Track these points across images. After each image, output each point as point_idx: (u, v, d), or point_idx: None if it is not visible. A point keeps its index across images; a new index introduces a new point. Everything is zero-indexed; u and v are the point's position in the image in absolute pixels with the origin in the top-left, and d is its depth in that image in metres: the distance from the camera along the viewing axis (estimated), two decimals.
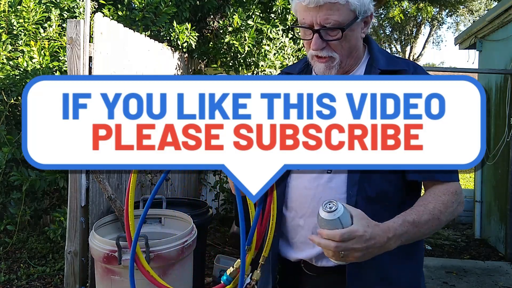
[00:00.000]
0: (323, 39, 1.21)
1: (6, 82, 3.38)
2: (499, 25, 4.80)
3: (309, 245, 1.24)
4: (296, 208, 1.29)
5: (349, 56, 1.26)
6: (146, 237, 2.20)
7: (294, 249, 1.31)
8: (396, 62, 1.30)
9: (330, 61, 1.24)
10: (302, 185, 1.27)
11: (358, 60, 1.31)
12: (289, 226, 1.31)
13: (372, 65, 1.28)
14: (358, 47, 1.28)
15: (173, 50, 4.25)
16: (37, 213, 3.67)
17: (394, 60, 1.31)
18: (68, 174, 2.98)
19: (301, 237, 1.28)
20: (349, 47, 1.24)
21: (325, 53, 1.23)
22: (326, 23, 1.18)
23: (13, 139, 3.34)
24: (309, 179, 1.26)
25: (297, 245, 1.30)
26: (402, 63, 1.30)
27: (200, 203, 3.50)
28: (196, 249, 2.56)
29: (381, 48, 1.38)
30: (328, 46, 1.23)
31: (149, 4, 3.84)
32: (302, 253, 1.29)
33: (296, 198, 1.28)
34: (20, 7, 3.62)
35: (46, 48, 3.49)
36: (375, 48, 1.34)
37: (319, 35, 1.21)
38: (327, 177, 1.24)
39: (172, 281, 2.34)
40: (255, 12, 4.39)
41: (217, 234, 4.66)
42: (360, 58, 1.32)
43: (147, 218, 2.86)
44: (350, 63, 1.29)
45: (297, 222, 1.29)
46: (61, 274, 3.42)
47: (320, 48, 1.22)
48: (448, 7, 16.68)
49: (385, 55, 1.32)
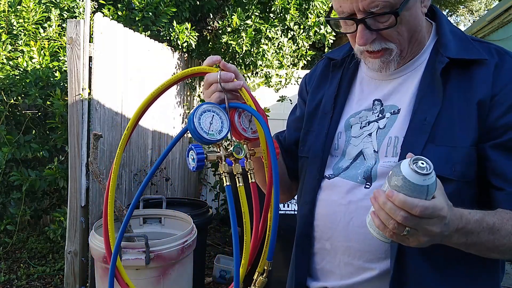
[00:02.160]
0: (372, 29, 0.94)
1: (6, 82, 3.38)
2: (499, 25, 4.81)
3: (335, 275, 1.06)
4: (322, 227, 1.06)
5: (411, 42, 0.99)
6: (146, 237, 2.20)
7: (316, 277, 1.10)
8: (472, 48, 0.99)
9: (386, 55, 0.98)
10: (332, 199, 1.04)
11: (421, 43, 1.03)
12: (314, 249, 1.09)
13: (438, 52, 0.99)
14: (420, 28, 1.00)
15: (173, 50, 4.25)
16: (37, 213, 3.67)
17: (469, 44, 1.00)
18: (68, 174, 2.98)
19: (328, 263, 1.07)
20: (408, 31, 0.96)
21: (378, 45, 0.96)
22: (372, 7, 0.90)
23: (13, 139, 3.35)
24: (341, 192, 1.03)
25: (321, 273, 1.09)
26: (481, 49, 0.99)
27: (200, 203, 3.50)
28: (196, 249, 2.56)
29: (454, 26, 1.06)
30: (380, 36, 0.95)
31: (148, 4, 3.84)
32: (325, 282, 1.08)
33: (323, 215, 1.06)
34: (20, 7, 3.62)
35: (46, 48, 3.49)
36: (445, 27, 1.03)
37: (365, 25, 0.93)
38: (363, 193, 1.00)
39: (172, 281, 2.34)
40: (254, 12, 4.39)
41: (217, 234, 4.66)
42: (425, 40, 1.03)
43: (147, 218, 2.86)
44: (413, 50, 1.01)
45: (323, 245, 1.07)
46: (61, 274, 3.42)
47: (370, 41, 0.95)
48: (448, 7, 16.68)
49: (458, 36, 1.02)
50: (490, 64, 0.95)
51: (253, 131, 0.97)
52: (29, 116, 3.56)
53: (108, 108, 3.13)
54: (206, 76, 0.97)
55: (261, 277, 0.95)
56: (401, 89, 1.04)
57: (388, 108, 1.04)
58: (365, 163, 1.04)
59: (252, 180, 0.96)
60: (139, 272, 2.24)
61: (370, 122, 1.06)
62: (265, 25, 4.32)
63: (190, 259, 2.54)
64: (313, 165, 1.12)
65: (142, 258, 2.19)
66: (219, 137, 0.91)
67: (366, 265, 1.01)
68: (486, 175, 0.94)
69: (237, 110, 0.96)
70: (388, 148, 1.01)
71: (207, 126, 0.90)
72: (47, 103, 3.30)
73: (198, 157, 0.89)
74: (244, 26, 4.22)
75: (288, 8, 4.44)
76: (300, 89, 1.30)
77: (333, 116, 1.12)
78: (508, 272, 4.09)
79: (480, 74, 0.96)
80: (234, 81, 0.94)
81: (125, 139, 0.96)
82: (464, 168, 0.93)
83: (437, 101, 0.96)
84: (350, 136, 1.08)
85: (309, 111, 1.19)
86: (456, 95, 0.96)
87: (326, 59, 1.23)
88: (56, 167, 3.21)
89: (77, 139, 2.95)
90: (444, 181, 0.86)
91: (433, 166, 0.76)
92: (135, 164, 3.59)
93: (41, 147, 3.37)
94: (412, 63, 1.04)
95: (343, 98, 1.13)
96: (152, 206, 3.02)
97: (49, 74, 3.34)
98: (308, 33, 4.70)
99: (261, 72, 4.70)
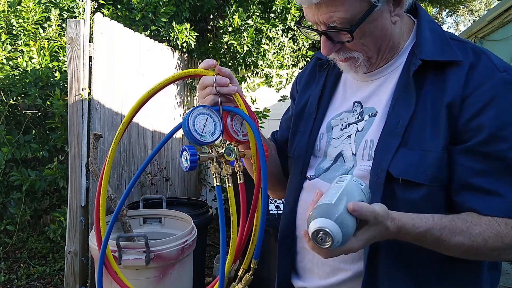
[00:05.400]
0: (334, 41, 0.96)
1: (6, 82, 3.37)
2: (499, 25, 4.80)
3: (315, 274, 1.07)
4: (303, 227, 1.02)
5: (380, 50, 0.99)
6: (146, 237, 2.20)
7: (299, 275, 1.12)
8: (448, 49, 0.95)
9: (352, 61, 0.99)
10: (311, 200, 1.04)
11: (397, 48, 1.01)
12: (297, 247, 1.12)
13: (414, 54, 0.97)
14: (390, 37, 0.98)
15: (173, 50, 4.25)
16: (37, 213, 3.67)
17: (447, 45, 0.97)
18: (68, 174, 2.98)
19: (308, 262, 1.09)
20: (375, 42, 0.96)
21: (342, 55, 0.98)
22: (331, 21, 0.91)
23: (13, 139, 3.34)
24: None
25: (303, 271, 1.11)
26: (458, 49, 0.95)
27: (200, 203, 3.50)
28: (196, 249, 2.56)
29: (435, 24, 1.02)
30: (344, 46, 0.97)
31: (148, 4, 3.84)
32: (306, 282, 1.10)
33: (303, 215, 1.06)
34: (19, 7, 3.62)
35: (46, 48, 3.49)
36: (424, 26, 1.00)
37: (327, 37, 0.95)
38: None
39: (172, 281, 2.34)
40: (255, 12, 4.39)
41: (217, 234, 4.65)
42: (400, 44, 1.01)
43: (147, 218, 2.86)
44: (385, 56, 1.01)
45: (303, 244, 1.09)
46: (61, 274, 3.42)
47: (333, 51, 0.98)
48: (448, 7, 16.67)
49: (438, 36, 0.99)
50: (464, 65, 0.93)
51: (244, 134, 1.01)
52: (29, 116, 3.56)
53: (108, 108, 3.13)
54: (202, 79, 0.99)
55: (247, 275, 0.98)
56: (380, 91, 1.03)
57: (367, 110, 1.04)
58: (344, 165, 1.04)
59: (241, 181, 0.98)
60: (139, 272, 2.24)
61: (350, 124, 1.06)
62: (265, 25, 4.32)
63: (190, 259, 2.53)
64: (296, 166, 1.14)
65: (142, 258, 2.19)
66: (212, 139, 0.94)
67: (341, 266, 1.02)
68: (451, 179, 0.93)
69: (229, 113, 0.99)
70: (364, 152, 1.00)
71: (201, 128, 0.93)
72: (47, 103, 3.29)
73: (191, 158, 0.92)
74: (245, 26, 4.22)
75: (289, 8, 4.44)
76: (292, 89, 1.32)
77: (317, 116, 1.13)
78: (508, 272, 4.09)
79: (453, 75, 0.93)
80: (229, 86, 0.97)
81: (120, 133, 0.99)
82: (436, 172, 0.91)
83: (410, 104, 0.94)
84: (331, 137, 1.09)
85: (296, 112, 1.20)
86: (430, 98, 0.94)
87: (316, 58, 1.22)
88: (56, 167, 3.21)
89: (77, 139, 2.94)
90: (415, 186, 0.90)
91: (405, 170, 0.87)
92: (135, 164, 3.59)
93: (41, 147, 3.37)
94: (391, 64, 1.03)
95: (327, 99, 1.14)
96: (152, 206, 3.02)
97: (48, 74, 3.34)
98: None
99: (261, 72, 4.70)
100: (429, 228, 0.86)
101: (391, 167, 0.92)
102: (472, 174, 0.90)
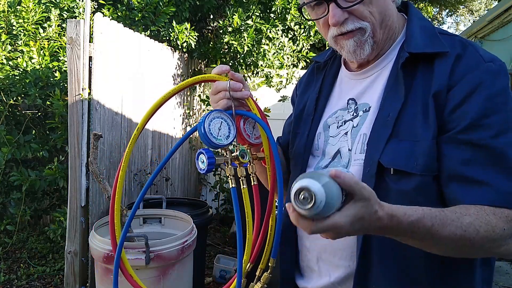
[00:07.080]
0: (342, 7, 0.96)
1: (6, 82, 3.38)
2: (499, 25, 4.81)
3: (315, 272, 1.08)
4: None
5: (382, 24, 1.00)
6: (146, 237, 2.20)
7: (302, 275, 1.14)
8: (437, 42, 0.98)
9: (359, 34, 0.98)
10: None
11: (392, 35, 1.04)
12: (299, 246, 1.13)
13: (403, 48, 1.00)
14: (390, 14, 1.01)
15: (173, 50, 4.25)
16: (37, 213, 3.67)
17: (435, 38, 0.99)
18: (68, 174, 2.98)
19: (309, 261, 1.10)
20: (379, 12, 0.98)
21: (351, 25, 0.97)
22: None
23: (13, 139, 3.34)
24: None
25: (304, 270, 1.13)
26: (446, 42, 0.98)
27: (200, 203, 3.50)
28: (196, 249, 2.56)
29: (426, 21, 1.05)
30: (352, 15, 0.97)
31: (148, 4, 3.84)
32: (306, 281, 1.11)
33: None
34: (19, 7, 3.62)
35: (46, 48, 3.49)
36: (414, 22, 1.04)
37: (336, 3, 0.95)
38: None
39: (172, 281, 2.34)
40: (255, 12, 4.39)
41: (217, 234, 4.66)
42: (396, 34, 1.05)
43: (147, 218, 2.86)
44: (384, 37, 1.02)
45: (304, 243, 1.11)
46: (61, 274, 3.42)
47: (342, 20, 0.96)
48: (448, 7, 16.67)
49: (427, 31, 1.02)
50: (451, 55, 0.94)
51: (256, 137, 1.05)
52: (29, 116, 3.56)
53: (108, 108, 3.13)
54: (215, 84, 1.03)
55: (265, 273, 1.00)
56: (372, 87, 1.06)
57: (361, 107, 1.07)
58: (341, 162, 1.06)
59: (254, 183, 1.00)
60: (139, 272, 2.24)
61: (346, 121, 1.09)
62: (265, 25, 4.32)
63: (190, 259, 2.53)
64: (296, 166, 1.16)
65: (142, 258, 2.19)
66: (227, 142, 0.98)
67: (340, 263, 1.02)
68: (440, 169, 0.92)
69: (241, 117, 1.04)
70: (357, 146, 1.03)
71: (216, 131, 0.97)
72: (47, 103, 3.29)
73: (209, 160, 0.96)
74: (245, 26, 4.22)
75: (289, 8, 4.44)
76: (292, 95, 1.37)
77: (314, 117, 1.16)
78: (508, 272, 4.09)
79: (440, 66, 0.95)
80: (243, 91, 1.01)
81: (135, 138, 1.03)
82: (427, 161, 0.90)
83: (400, 97, 0.96)
84: (329, 136, 1.12)
85: (296, 114, 1.24)
86: (421, 89, 0.95)
87: (314, 63, 1.27)
88: (56, 167, 3.21)
89: (77, 139, 2.95)
90: (407, 176, 0.90)
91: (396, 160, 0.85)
92: (135, 164, 3.59)
93: (41, 147, 3.37)
94: (382, 59, 1.05)
95: (325, 99, 1.17)
96: (152, 206, 3.02)
97: (48, 74, 3.34)
98: (308, 33, 4.70)
99: (261, 72, 4.70)
100: (420, 218, 0.81)
101: (382, 158, 0.93)
102: (458, 164, 0.89)
